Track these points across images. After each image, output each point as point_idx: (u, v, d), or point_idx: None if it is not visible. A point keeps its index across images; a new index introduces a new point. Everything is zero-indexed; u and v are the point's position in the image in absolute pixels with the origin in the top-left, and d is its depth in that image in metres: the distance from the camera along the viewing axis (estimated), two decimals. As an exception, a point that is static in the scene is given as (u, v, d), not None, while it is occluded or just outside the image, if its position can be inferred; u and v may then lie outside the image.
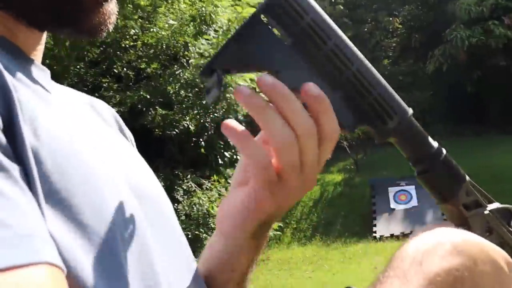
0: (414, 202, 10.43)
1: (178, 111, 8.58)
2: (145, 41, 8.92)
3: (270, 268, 7.63)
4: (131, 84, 9.62)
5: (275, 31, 0.55)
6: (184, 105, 8.63)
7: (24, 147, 0.44)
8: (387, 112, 0.57)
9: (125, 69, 9.74)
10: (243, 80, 8.42)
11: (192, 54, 8.81)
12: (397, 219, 10.02)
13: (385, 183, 10.96)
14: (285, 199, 0.57)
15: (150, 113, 8.59)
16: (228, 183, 7.51)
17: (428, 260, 0.52)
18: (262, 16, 0.54)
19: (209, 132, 8.87)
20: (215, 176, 8.19)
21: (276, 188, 0.55)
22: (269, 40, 0.55)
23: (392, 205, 10.37)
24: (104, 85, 9.46)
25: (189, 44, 8.79)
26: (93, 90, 9.80)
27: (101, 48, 9.70)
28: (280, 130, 0.51)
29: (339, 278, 6.99)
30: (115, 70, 9.77)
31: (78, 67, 9.35)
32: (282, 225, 8.59)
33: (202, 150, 8.84)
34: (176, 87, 8.56)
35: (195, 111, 8.60)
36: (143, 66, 9.26)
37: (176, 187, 8.52)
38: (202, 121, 8.64)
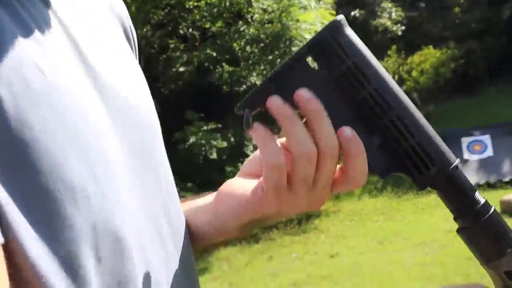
0: (489, 152, 10.06)
1: (245, 67, 8.63)
2: (208, 1, 8.96)
3: (341, 220, 7.67)
4: (197, 43, 9.74)
5: (316, 70, 0.54)
6: (250, 61, 8.67)
7: None
8: (423, 162, 0.54)
9: (190, 29, 9.86)
10: (308, 33, 8.34)
11: (256, 10, 8.78)
12: (471, 170, 9.71)
13: (458, 134, 10.61)
14: (288, 208, 0.56)
15: (217, 70, 8.69)
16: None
17: None
18: (306, 54, 0.54)
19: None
20: (283, 130, 8.21)
21: (282, 194, 0.54)
22: (310, 79, 0.54)
23: (466, 155, 10.05)
24: (171, 46, 9.61)
25: (252, 0, 8.75)
26: (160, 51, 10.01)
27: (166, 10, 9.84)
28: (303, 141, 0.50)
29: (412, 228, 6.92)
30: (180, 31, 9.90)
31: (144, 30, 9.54)
32: (352, 178, 8.54)
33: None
34: (242, 43, 8.60)
35: (262, 67, 8.62)
36: (207, 25, 9.33)
37: (245, 142, 8.63)
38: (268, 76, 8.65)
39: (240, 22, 8.94)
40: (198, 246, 0.68)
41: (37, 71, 0.44)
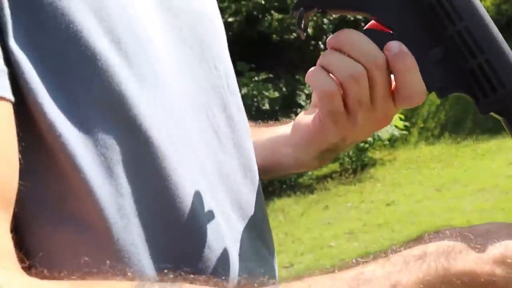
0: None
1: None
2: None
3: (397, 168, 7.55)
4: (245, -8, 9.59)
5: None
6: (299, 8, 8.48)
7: None
8: (490, 83, 0.48)
9: (237, -22, 9.69)
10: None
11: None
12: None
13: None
14: (351, 133, 0.55)
15: (266, 19, 8.56)
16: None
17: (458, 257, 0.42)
18: None
19: (328, 34, 8.67)
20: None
21: (342, 120, 0.53)
22: None
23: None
24: (219, -4, 9.51)
25: None
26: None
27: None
28: (344, 63, 0.50)
29: (471, 174, 6.75)
30: (228, -19, 9.75)
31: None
32: (408, 125, 8.37)
33: (321, 53, 8.72)
34: (290, -11, 8.39)
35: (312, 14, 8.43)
36: (255, -28, 9.13)
37: (298, 92, 8.56)
38: (319, 23, 8.45)
39: (288, -32, 8.71)
40: (277, 173, 0.69)
41: None
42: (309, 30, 8.24)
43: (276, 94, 8.37)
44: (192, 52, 0.56)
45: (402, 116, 7.72)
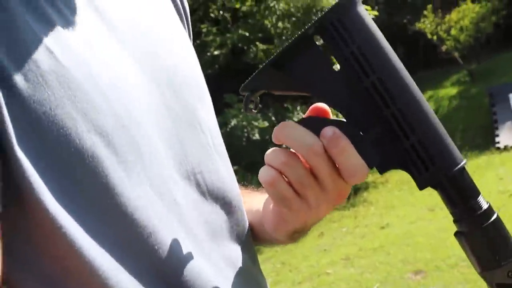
0: (539, 107, 9.72)
1: (279, 44, 8.57)
2: (236, -20, 8.91)
3: (390, 190, 7.59)
4: (229, 25, 9.72)
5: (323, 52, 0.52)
6: (283, 37, 8.60)
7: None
8: (423, 162, 0.51)
9: (221, 11, 9.83)
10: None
11: (285, -16, 8.67)
12: (521, 126, 9.42)
13: (505, 90, 10.26)
14: (310, 214, 0.58)
15: (251, 50, 8.67)
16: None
17: None
18: (313, 35, 0.51)
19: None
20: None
21: (295, 204, 0.56)
22: (316, 62, 0.52)
23: (515, 111, 9.74)
24: (204, 30, 9.62)
25: (280, -25, 8.65)
26: (194, 37, 10.02)
27: (195, -5, 9.83)
28: (274, 153, 0.54)
29: (463, 192, 6.79)
30: (211, 15, 9.90)
31: (176, 17, 9.59)
32: (397, 146, 8.42)
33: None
34: (273, 20, 8.54)
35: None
36: (237, 5, 9.28)
37: (287, 120, 8.61)
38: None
39: (269, -1, 8.87)
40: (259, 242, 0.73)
41: (47, 52, 0.48)
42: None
43: (266, 123, 8.43)
44: (179, 118, 0.60)
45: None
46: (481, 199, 0.52)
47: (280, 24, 8.59)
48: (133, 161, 0.52)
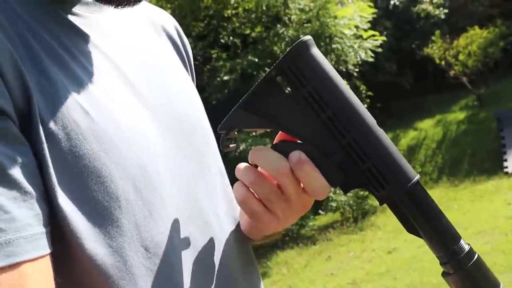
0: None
1: (287, 70, 8.65)
2: (246, 7, 9.05)
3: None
4: (239, 51, 9.85)
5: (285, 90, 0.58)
6: (291, 63, 8.68)
7: (38, 130, 0.52)
8: (379, 182, 0.58)
9: (231, 37, 9.98)
10: (347, 28, 8.30)
11: (293, 11, 8.81)
12: (530, 151, 9.40)
13: (513, 114, 10.30)
14: (277, 223, 0.66)
15: (260, 75, 8.77)
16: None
17: None
18: (276, 77, 0.58)
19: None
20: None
21: (265, 217, 0.64)
22: (278, 100, 0.59)
23: (523, 136, 9.72)
24: (214, 56, 9.76)
25: (288, 2, 8.79)
26: (203, 62, 10.19)
27: (205, 21, 10.00)
28: (245, 173, 0.62)
29: (470, 217, 6.78)
30: (222, 40, 10.04)
31: (187, 42, 9.70)
32: (405, 170, 8.42)
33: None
34: (282, 46, 8.65)
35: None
36: (247, 31, 9.43)
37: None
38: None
39: (278, 25, 8.99)
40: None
41: (84, 113, 0.56)
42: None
43: (274, 147, 8.47)
44: (192, 163, 0.69)
45: (399, 163, 7.79)
46: (462, 242, 0.58)
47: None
48: (155, 203, 0.60)
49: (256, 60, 8.93)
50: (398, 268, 5.44)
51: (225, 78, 9.32)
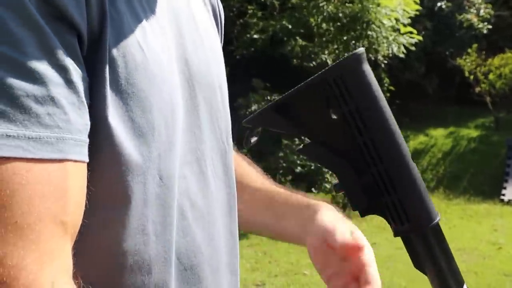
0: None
1: (318, 44, 8.59)
2: (294, -30, 8.91)
3: (386, 211, 7.66)
4: (275, 13, 9.75)
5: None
6: (324, 39, 8.61)
7: (105, 52, 0.57)
8: (400, 217, 0.57)
9: (271, -3, 9.86)
10: (387, 19, 8.19)
11: (339, -12, 8.68)
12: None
13: (526, 146, 10.23)
14: None
15: (290, 43, 8.71)
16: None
17: None
18: (317, 86, 0.55)
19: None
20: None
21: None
22: (315, 109, 0.57)
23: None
24: (249, 11, 9.67)
25: (337, -23, 8.65)
26: (238, 15, 10.10)
27: (249, -25, 9.86)
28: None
29: (455, 233, 6.85)
30: (261, -2, 9.93)
31: (226, -9, 9.59)
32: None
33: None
34: (319, 19, 8.55)
35: (335, 46, 8.57)
36: (289, -5, 9.30)
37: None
38: (340, 56, 8.57)
39: (321, -2, 8.89)
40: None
41: (139, 49, 0.62)
42: (329, 62, 8.38)
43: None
44: (206, 120, 0.74)
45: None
46: (465, 287, 0.60)
47: (324, 25, 8.60)
48: (174, 143, 0.66)
49: (290, 26, 8.85)
50: (372, 263, 5.52)
51: (255, 36, 9.26)
